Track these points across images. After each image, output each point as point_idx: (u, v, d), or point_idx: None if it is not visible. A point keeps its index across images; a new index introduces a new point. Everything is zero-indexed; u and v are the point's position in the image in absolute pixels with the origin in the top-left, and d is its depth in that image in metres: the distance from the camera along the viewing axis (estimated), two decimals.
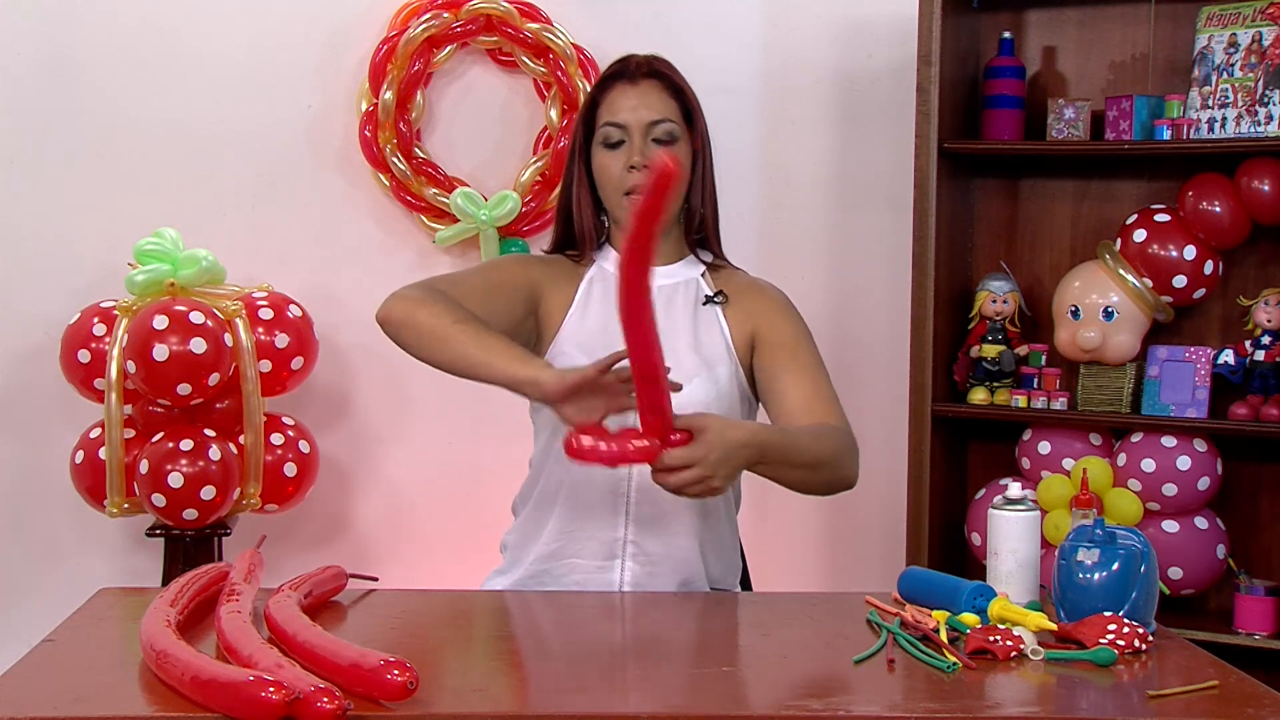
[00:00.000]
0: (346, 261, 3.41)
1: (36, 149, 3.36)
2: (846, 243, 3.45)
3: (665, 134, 2.10)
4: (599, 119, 2.13)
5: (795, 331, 2.14)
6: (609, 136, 2.10)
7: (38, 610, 3.15)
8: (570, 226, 2.18)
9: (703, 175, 2.15)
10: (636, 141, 2.09)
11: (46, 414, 3.35)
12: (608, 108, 2.12)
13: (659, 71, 2.14)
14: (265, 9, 3.37)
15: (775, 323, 2.14)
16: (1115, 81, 3.11)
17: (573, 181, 2.16)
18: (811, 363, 2.11)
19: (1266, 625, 2.89)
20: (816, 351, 2.14)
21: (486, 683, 1.62)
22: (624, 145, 2.09)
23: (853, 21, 3.40)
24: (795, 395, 2.07)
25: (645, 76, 2.12)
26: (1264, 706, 1.48)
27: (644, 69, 2.13)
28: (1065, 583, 1.75)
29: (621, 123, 2.10)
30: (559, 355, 2.09)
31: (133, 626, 1.63)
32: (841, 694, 1.54)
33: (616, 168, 2.09)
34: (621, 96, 2.11)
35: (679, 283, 2.16)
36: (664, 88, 2.12)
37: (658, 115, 2.10)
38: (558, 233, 2.22)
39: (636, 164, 2.07)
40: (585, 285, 2.15)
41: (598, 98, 2.14)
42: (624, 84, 2.12)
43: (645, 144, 2.09)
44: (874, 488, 3.39)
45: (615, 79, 2.13)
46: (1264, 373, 2.89)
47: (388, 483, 3.46)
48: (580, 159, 2.15)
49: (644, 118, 2.09)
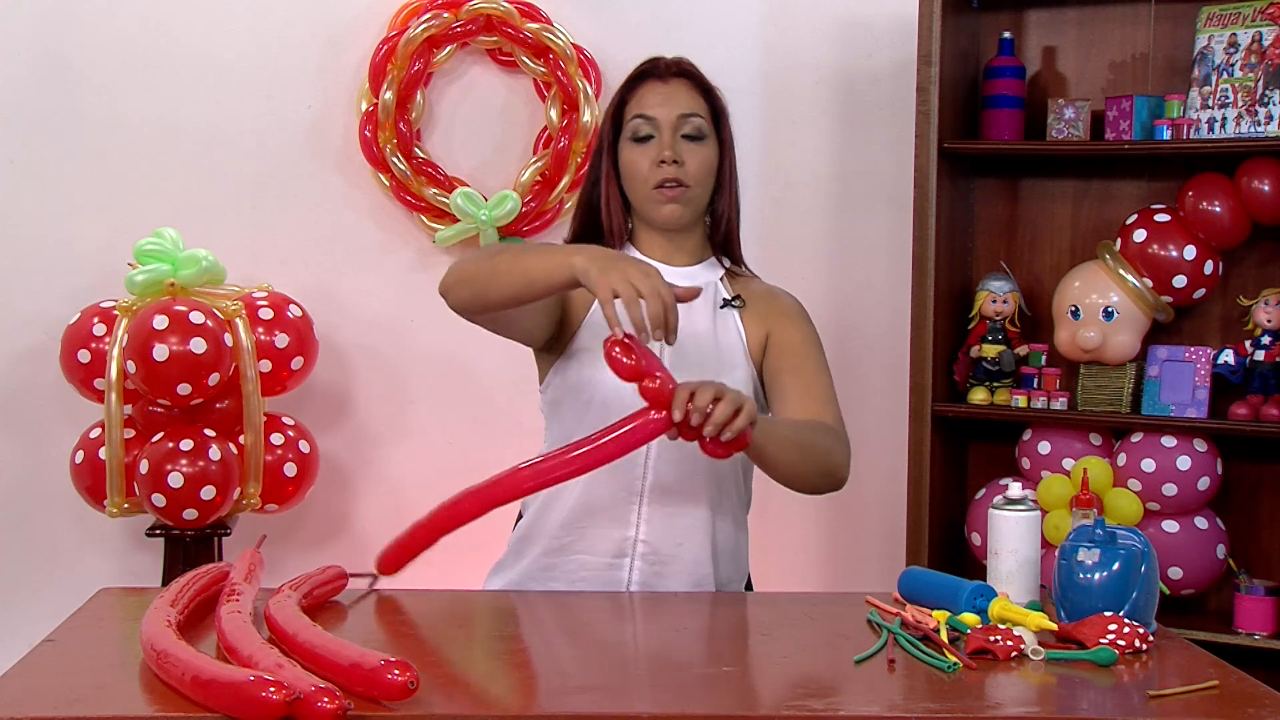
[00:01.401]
0: (346, 261, 3.41)
1: (36, 149, 3.36)
2: (846, 243, 3.45)
3: (695, 129, 2.09)
4: (627, 114, 2.12)
5: (804, 336, 2.14)
6: (638, 130, 2.10)
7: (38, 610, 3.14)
8: (595, 222, 2.17)
9: (728, 178, 2.15)
10: (666, 136, 2.08)
11: (46, 414, 3.35)
12: (637, 103, 2.12)
13: (688, 71, 2.15)
14: (265, 9, 3.37)
15: (786, 327, 2.14)
16: (1115, 81, 3.11)
17: (600, 178, 2.16)
18: (815, 367, 2.11)
19: (1266, 625, 2.89)
20: (823, 358, 2.14)
21: (487, 683, 1.62)
22: (653, 140, 2.09)
23: (853, 21, 3.40)
24: (794, 395, 2.07)
25: (675, 75, 2.13)
26: (1264, 706, 1.48)
27: (673, 69, 2.14)
28: (1065, 583, 1.75)
29: (651, 115, 2.09)
30: (579, 349, 2.09)
31: (133, 626, 1.63)
32: (841, 694, 1.54)
33: (645, 162, 2.09)
34: (651, 92, 2.11)
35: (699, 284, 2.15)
36: (693, 86, 2.13)
37: (688, 109, 2.09)
38: (578, 228, 2.20)
39: (666, 158, 2.07)
40: None
41: (626, 96, 2.14)
42: (654, 81, 2.13)
43: (675, 139, 2.08)
44: (874, 488, 3.40)
45: (645, 77, 2.14)
46: (1264, 373, 2.89)
47: (388, 483, 3.46)
48: (609, 156, 2.15)
49: (674, 111, 2.09)
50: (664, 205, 2.09)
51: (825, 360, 2.14)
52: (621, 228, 2.15)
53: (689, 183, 2.08)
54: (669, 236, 2.15)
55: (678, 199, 2.09)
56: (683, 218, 2.11)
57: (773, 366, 2.11)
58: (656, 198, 2.09)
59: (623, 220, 2.16)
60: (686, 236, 2.15)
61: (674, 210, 2.09)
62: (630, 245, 2.18)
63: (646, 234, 2.16)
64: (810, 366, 2.10)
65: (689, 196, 2.09)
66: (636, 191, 2.11)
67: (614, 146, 2.14)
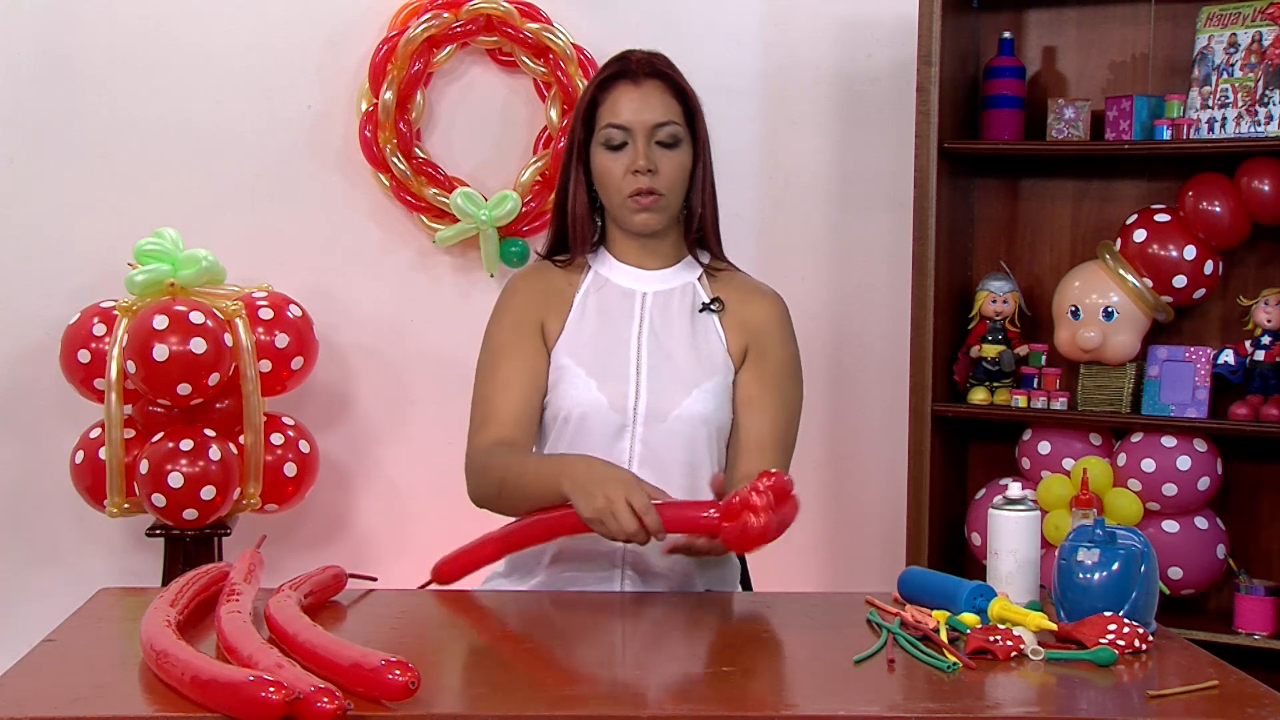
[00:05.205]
0: (346, 261, 3.41)
1: (36, 149, 3.36)
2: (846, 243, 3.45)
3: (669, 136, 2.07)
4: (600, 119, 2.09)
5: (784, 358, 2.13)
6: (611, 139, 2.07)
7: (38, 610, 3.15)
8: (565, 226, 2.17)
9: (703, 176, 2.13)
10: (640, 145, 2.05)
11: (46, 414, 3.35)
12: (610, 108, 2.08)
13: (661, 71, 2.10)
14: (265, 9, 3.37)
15: (767, 347, 2.12)
16: (1115, 81, 3.11)
17: (570, 181, 2.14)
18: (784, 401, 2.11)
19: (1266, 625, 2.89)
20: (794, 383, 2.14)
21: (487, 683, 1.62)
22: (627, 147, 2.06)
23: (853, 21, 3.40)
24: (752, 432, 2.08)
25: (648, 76, 2.09)
26: (1264, 706, 1.48)
27: (646, 68, 2.09)
28: (1065, 583, 1.75)
29: (625, 124, 2.06)
30: (554, 367, 2.10)
31: (133, 626, 1.63)
32: (841, 694, 1.54)
33: (619, 170, 2.07)
34: (624, 97, 2.07)
35: (675, 287, 2.15)
36: (667, 88, 2.09)
37: (662, 117, 2.07)
38: (553, 233, 2.20)
39: (641, 168, 2.05)
40: (581, 298, 2.13)
41: (598, 97, 2.10)
42: (626, 84, 2.08)
43: (649, 147, 2.06)
44: (874, 488, 3.41)
45: (617, 78, 2.09)
46: (1264, 373, 2.89)
47: (388, 483, 3.46)
48: (578, 159, 2.12)
49: (648, 120, 2.06)
50: (638, 214, 2.08)
51: (797, 382, 2.14)
52: (586, 237, 2.14)
53: (663, 191, 2.07)
54: (642, 241, 2.14)
55: (652, 208, 2.07)
56: (657, 225, 2.10)
57: (745, 386, 2.11)
58: (631, 206, 2.08)
59: (589, 229, 2.14)
60: (660, 240, 2.14)
61: (648, 219, 2.09)
62: (603, 250, 2.17)
63: (621, 238, 2.15)
64: (779, 402, 2.10)
65: (663, 204, 2.08)
66: (611, 199, 2.10)
67: (585, 146, 2.12)
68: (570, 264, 2.16)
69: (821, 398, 3.36)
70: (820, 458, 3.43)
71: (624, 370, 2.07)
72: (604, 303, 2.12)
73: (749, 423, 2.09)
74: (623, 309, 2.12)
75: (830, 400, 3.43)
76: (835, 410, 3.44)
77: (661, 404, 2.05)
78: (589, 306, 2.12)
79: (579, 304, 2.12)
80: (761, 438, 2.07)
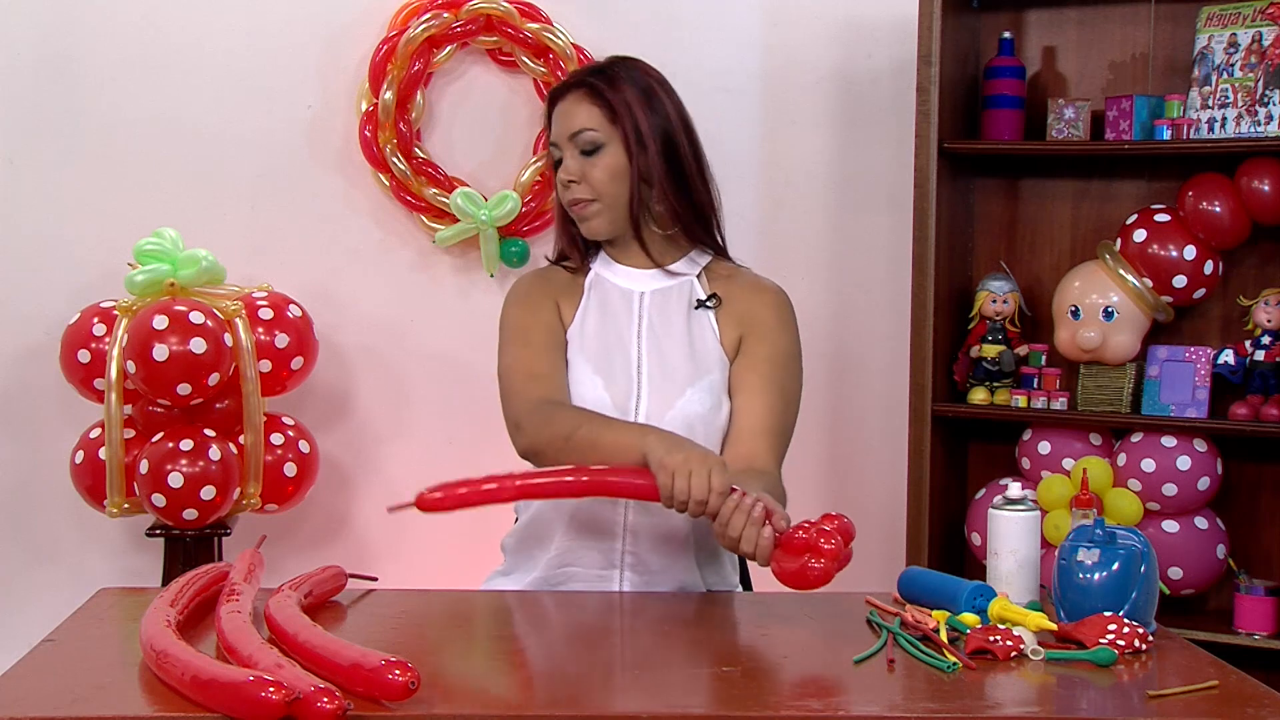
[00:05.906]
0: (346, 261, 3.41)
1: (36, 149, 3.36)
2: (846, 243, 3.45)
3: (586, 144, 2.09)
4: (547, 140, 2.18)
5: (775, 351, 2.12)
6: (552, 155, 2.14)
7: (38, 610, 3.16)
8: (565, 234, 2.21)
9: (660, 170, 2.09)
10: (566, 157, 2.11)
11: (46, 414, 3.35)
12: (550, 128, 2.15)
13: (583, 81, 2.12)
14: (265, 9, 3.37)
15: (764, 335, 2.12)
16: (1115, 81, 3.11)
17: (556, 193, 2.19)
18: (779, 389, 2.10)
19: (1266, 625, 2.89)
20: (794, 373, 2.13)
21: (486, 683, 1.62)
22: (562, 162, 2.12)
23: (853, 21, 3.40)
24: (745, 419, 2.08)
25: (573, 88, 2.13)
26: (1264, 706, 1.48)
27: (574, 79, 2.14)
28: (1065, 583, 1.75)
29: (554, 140, 2.13)
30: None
31: (133, 626, 1.63)
32: (841, 694, 1.54)
33: (560, 184, 2.12)
34: (555, 114, 2.14)
35: (673, 286, 2.15)
36: (586, 95, 2.10)
37: (576, 126, 2.09)
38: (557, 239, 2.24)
39: (562, 179, 2.10)
40: (586, 295, 2.16)
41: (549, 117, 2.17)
42: (558, 102, 2.14)
43: (574, 157, 2.10)
44: (874, 488, 3.41)
45: (554, 96, 2.16)
46: (1264, 373, 2.89)
47: (388, 483, 3.45)
48: None
49: (565, 131, 2.11)
50: (581, 223, 2.13)
51: (795, 373, 2.13)
52: (578, 242, 2.17)
53: (593, 196, 2.09)
54: (624, 245, 2.16)
55: (587, 214, 2.11)
56: (605, 229, 2.12)
57: (739, 374, 2.11)
58: (575, 216, 2.13)
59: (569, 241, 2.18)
60: (650, 240, 2.14)
61: (590, 225, 2.12)
62: (603, 252, 2.19)
63: (617, 240, 2.17)
64: (775, 390, 2.09)
65: (598, 209, 2.10)
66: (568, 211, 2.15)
67: None
68: (578, 270, 2.20)
69: (821, 398, 3.36)
70: (820, 458, 3.43)
71: (627, 370, 2.08)
72: (606, 303, 2.14)
73: (743, 408, 2.08)
74: (623, 309, 2.13)
75: (830, 400, 3.43)
76: (835, 410, 3.44)
77: (659, 404, 2.06)
78: (591, 308, 2.14)
79: (583, 306, 2.15)
80: (754, 422, 2.07)
